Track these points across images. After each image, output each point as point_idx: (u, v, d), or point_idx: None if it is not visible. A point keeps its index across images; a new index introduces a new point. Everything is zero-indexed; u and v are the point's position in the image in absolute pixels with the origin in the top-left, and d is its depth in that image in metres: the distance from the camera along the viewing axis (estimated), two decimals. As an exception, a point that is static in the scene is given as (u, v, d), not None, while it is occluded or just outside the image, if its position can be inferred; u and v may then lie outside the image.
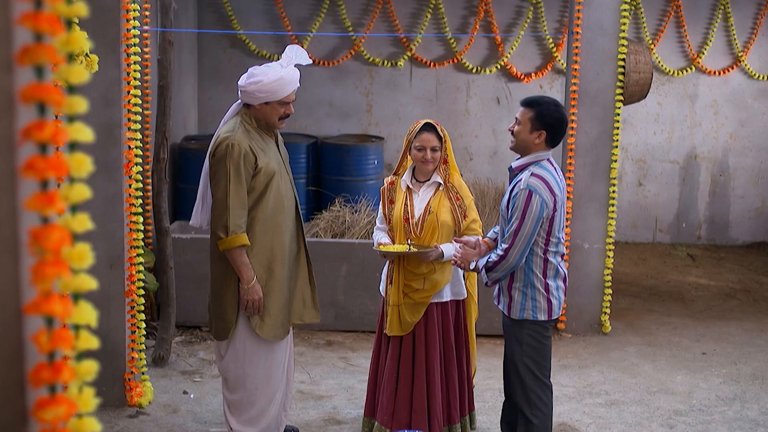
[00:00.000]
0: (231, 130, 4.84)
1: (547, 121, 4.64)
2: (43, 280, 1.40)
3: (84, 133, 1.56)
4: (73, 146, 1.55)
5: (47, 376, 1.44)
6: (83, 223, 1.57)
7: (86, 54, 4.58)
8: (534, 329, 4.73)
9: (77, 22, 4.50)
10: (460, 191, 5.15)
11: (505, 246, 4.58)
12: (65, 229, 1.43)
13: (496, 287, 4.85)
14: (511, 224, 4.58)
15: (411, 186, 5.17)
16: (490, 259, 4.64)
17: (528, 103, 4.74)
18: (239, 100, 4.96)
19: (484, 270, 4.67)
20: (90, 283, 1.58)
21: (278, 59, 5.02)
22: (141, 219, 5.73)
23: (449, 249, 5.03)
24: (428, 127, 5.12)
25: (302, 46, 9.76)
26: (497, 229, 4.98)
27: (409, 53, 10.10)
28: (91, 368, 1.62)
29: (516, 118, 4.73)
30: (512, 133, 4.74)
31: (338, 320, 7.38)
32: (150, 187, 6.75)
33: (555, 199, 4.60)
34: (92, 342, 1.61)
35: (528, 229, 4.54)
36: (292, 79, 4.91)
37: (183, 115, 9.21)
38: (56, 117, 1.63)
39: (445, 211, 5.08)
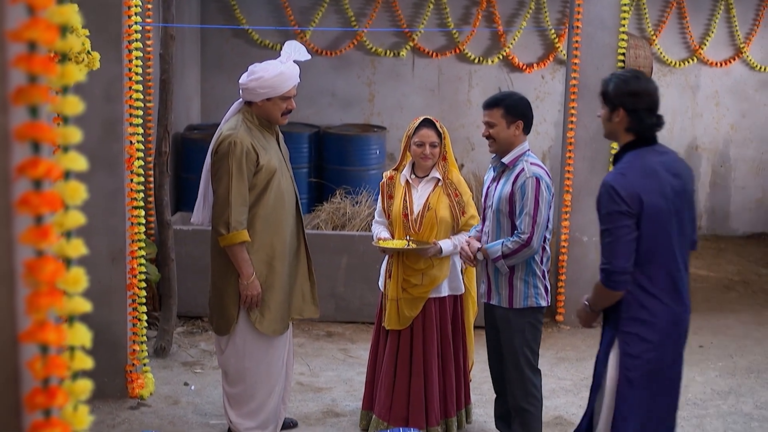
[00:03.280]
0: (233, 128, 4.89)
1: (520, 110, 4.85)
2: (37, 310, 1.46)
3: (78, 163, 1.61)
4: (68, 174, 1.60)
5: (42, 401, 1.50)
6: (78, 248, 1.63)
7: (88, 52, 4.63)
8: (535, 316, 4.90)
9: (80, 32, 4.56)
10: (459, 187, 5.20)
11: (525, 236, 4.69)
12: (59, 261, 1.49)
13: (485, 284, 4.95)
14: (523, 213, 4.69)
15: (410, 181, 5.23)
16: (506, 246, 4.73)
17: (493, 103, 4.90)
18: (240, 99, 5.01)
19: (501, 259, 4.75)
20: (84, 306, 1.64)
21: (281, 49, 5.08)
22: (143, 213, 5.78)
23: (447, 245, 5.10)
24: (427, 123, 5.18)
25: (305, 36, 9.80)
26: (478, 227, 5.08)
27: (411, 43, 10.12)
28: (85, 387, 1.68)
29: (487, 123, 4.89)
30: (489, 137, 4.89)
31: (338, 312, 7.45)
32: (152, 180, 6.82)
33: (553, 185, 4.84)
34: (86, 362, 1.67)
35: (544, 214, 4.72)
36: (292, 74, 4.96)
37: (186, 104, 9.26)
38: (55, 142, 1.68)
39: (444, 207, 5.14)
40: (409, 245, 5.08)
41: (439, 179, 5.18)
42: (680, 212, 3.92)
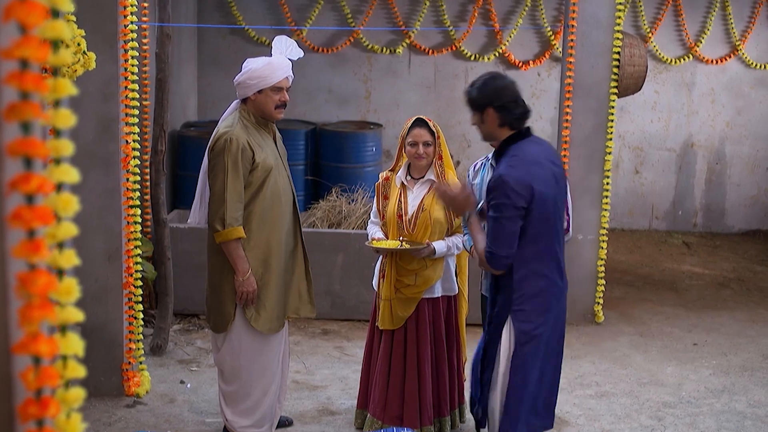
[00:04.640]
0: (230, 126, 4.93)
1: None
2: (30, 322, 1.49)
3: (70, 175, 1.63)
4: (60, 187, 1.62)
5: (35, 412, 1.53)
6: (70, 259, 1.65)
7: (83, 52, 4.65)
8: None
9: (75, 20, 4.58)
10: (454, 189, 5.22)
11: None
12: (51, 273, 1.51)
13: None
14: None
15: (405, 183, 5.25)
16: None
17: None
18: (237, 99, 5.05)
19: None
20: (77, 316, 1.66)
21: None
22: (139, 211, 5.81)
23: (441, 246, 5.11)
24: (420, 123, 5.19)
25: (301, 33, 9.82)
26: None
27: (407, 40, 10.14)
28: (78, 395, 1.70)
29: None
30: None
31: (334, 309, 7.48)
32: (148, 178, 6.84)
33: None
34: (79, 371, 1.69)
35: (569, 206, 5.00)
36: (282, 65, 5.01)
37: (182, 101, 9.27)
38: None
39: (438, 209, 5.16)
40: (402, 246, 5.10)
41: (434, 181, 5.19)
42: (558, 197, 4.26)
